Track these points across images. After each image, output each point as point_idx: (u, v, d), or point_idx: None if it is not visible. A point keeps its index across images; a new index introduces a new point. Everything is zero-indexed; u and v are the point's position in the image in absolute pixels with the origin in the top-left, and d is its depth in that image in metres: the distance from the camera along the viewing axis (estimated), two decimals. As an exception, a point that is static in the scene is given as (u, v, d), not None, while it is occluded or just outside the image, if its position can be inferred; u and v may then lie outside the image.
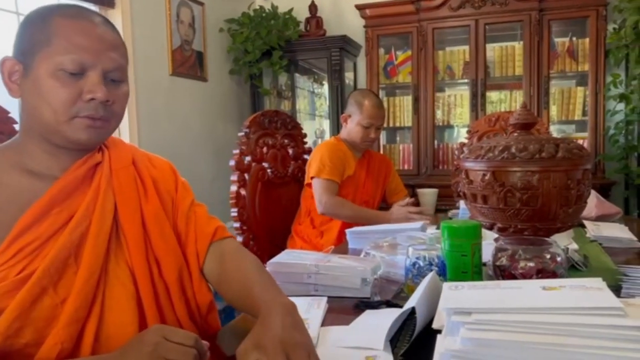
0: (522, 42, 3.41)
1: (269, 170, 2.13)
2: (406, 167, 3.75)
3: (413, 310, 0.86)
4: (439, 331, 0.75)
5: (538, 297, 0.72)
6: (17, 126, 1.06)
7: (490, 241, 1.23)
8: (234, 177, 1.98)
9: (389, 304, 1.06)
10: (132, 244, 0.90)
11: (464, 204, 1.33)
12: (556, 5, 3.30)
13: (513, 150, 1.14)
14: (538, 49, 3.34)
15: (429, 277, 0.96)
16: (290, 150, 2.30)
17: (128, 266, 0.89)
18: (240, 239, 1.95)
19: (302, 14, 3.87)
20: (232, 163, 1.99)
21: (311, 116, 4.41)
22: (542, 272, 1.04)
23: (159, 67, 3.18)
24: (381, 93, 3.74)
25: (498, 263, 1.09)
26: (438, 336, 0.74)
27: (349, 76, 3.96)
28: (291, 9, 3.82)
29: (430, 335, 0.79)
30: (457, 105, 3.72)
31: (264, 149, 2.13)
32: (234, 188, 1.97)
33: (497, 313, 0.68)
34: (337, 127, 3.59)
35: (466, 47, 3.54)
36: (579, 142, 2.76)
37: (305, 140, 2.41)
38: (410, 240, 1.44)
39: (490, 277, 1.12)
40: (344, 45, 3.68)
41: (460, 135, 3.78)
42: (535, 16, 3.30)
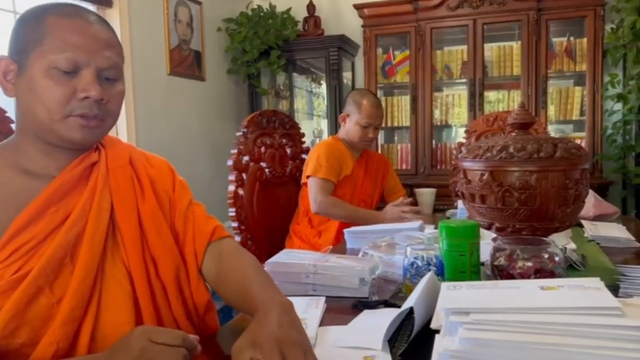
0: (520, 42, 3.42)
1: (267, 170, 2.13)
2: (404, 166, 3.75)
3: (411, 310, 0.86)
4: (437, 331, 0.75)
5: (536, 297, 0.72)
6: (14, 125, 1.06)
7: (488, 241, 1.23)
8: (231, 177, 1.98)
9: (387, 304, 1.06)
10: (128, 243, 0.90)
11: (462, 203, 1.33)
12: (554, 5, 3.31)
13: (511, 150, 1.14)
14: (536, 49, 3.34)
15: (427, 277, 0.96)
16: (289, 150, 2.30)
17: (125, 266, 0.89)
18: (238, 238, 1.95)
19: (300, 13, 3.87)
20: (230, 163, 1.99)
21: (309, 116, 4.41)
22: (540, 271, 1.04)
23: (156, 66, 3.18)
24: (379, 93, 3.74)
25: (496, 263, 1.09)
26: (436, 336, 0.74)
27: (347, 76, 3.96)
28: (289, 9, 3.81)
29: (428, 335, 0.79)
30: (455, 105, 3.72)
31: (262, 149, 2.13)
32: (231, 188, 1.96)
33: (495, 313, 0.68)
34: (335, 127, 3.59)
35: (464, 47, 3.54)
36: (577, 141, 2.76)
37: (303, 140, 2.41)
38: (408, 240, 1.44)
39: (488, 277, 1.12)
40: (342, 44, 3.68)
41: (458, 135, 3.79)
42: (533, 16, 3.31)
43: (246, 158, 2.03)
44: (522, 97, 3.41)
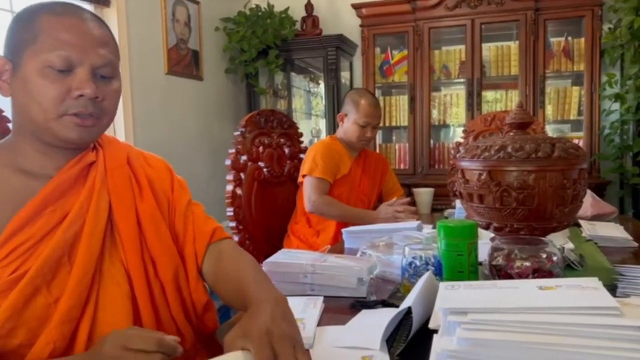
0: (517, 42, 3.42)
1: (265, 170, 2.13)
2: (402, 166, 3.75)
3: (409, 310, 0.86)
4: (436, 331, 0.75)
5: (534, 296, 0.72)
6: (11, 125, 1.05)
7: (487, 241, 1.23)
8: (229, 177, 1.97)
9: (385, 304, 1.06)
10: (127, 243, 0.90)
11: (460, 203, 1.33)
12: (552, 5, 3.31)
13: (509, 149, 1.14)
14: (534, 49, 3.34)
15: (425, 276, 0.96)
16: (287, 150, 2.30)
17: (123, 266, 0.89)
18: (236, 238, 1.95)
19: (298, 13, 3.86)
20: (228, 162, 1.99)
21: (307, 115, 4.41)
22: (538, 271, 1.04)
23: (154, 66, 3.17)
24: (377, 92, 3.74)
25: (494, 262, 1.09)
26: (434, 336, 0.74)
27: (345, 75, 3.96)
28: (287, 8, 3.81)
29: (426, 335, 0.79)
30: (453, 105, 3.72)
31: (260, 148, 2.12)
32: (229, 187, 1.96)
33: (493, 313, 0.68)
34: (333, 127, 3.58)
35: (462, 47, 3.54)
36: (575, 141, 2.77)
37: (301, 139, 2.41)
38: (406, 239, 1.44)
39: (486, 277, 1.12)
40: (340, 44, 3.68)
41: (456, 134, 3.79)
42: (531, 16, 3.31)
43: (244, 158, 2.03)
44: (520, 97, 3.41)
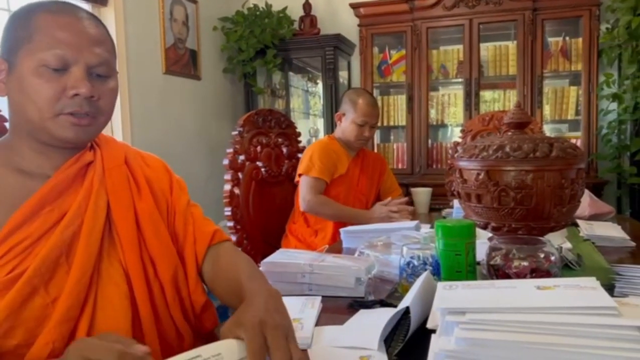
0: (515, 42, 3.42)
1: (263, 169, 2.13)
2: (400, 166, 3.75)
3: (407, 310, 0.86)
4: (433, 331, 0.74)
5: (532, 296, 0.72)
6: (8, 124, 1.05)
7: (484, 240, 1.23)
8: (227, 176, 1.97)
9: (383, 304, 1.05)
10: (125, 243, 0.90)
11: (458, 203, 1.33)
12: (549, 5, 3.31)
13: (507, 149, 1.14)
14: (531, 49, 3.35)
15: (423, 276, 0.96)
16: (284, 149, 2.29)
17: (122, 266, 0.88)
18: (234, 238, 1.94)
19: (296, 12, 3.86)
20: (225, 162, 1.98)
21: (305, 115, 4.41)
22: (536, 271, 1.04)
23: (152, 65, 3.17)
24: (375, 92, 3.74)
25: (492, 262, 1.09)
26: (432, 336, 0.74)
27: (343, 75, 3.96)
28: (285, 8, 3.81)
29: (424, 335, 0.79)
30: (451, 105, 3.72)
31: (258, 148, 2.12)
32: (227, 187, 1.96)
33: (491, 313, 0.68)
34: (331, 126, 3.58)
35: (460, 47, 3.54)
36: (572, 141, 2.77)
37: (299, 139, 2.40)
38: (404, 239, 1.44)
39: (484, 276, 1.12)
40: (338, 44, 3.68)
41: (454, 134, 3.79)
42: (528, 16, 3.31)
43: (242, 157, 2.03)
44: (517, 97, 3.41)
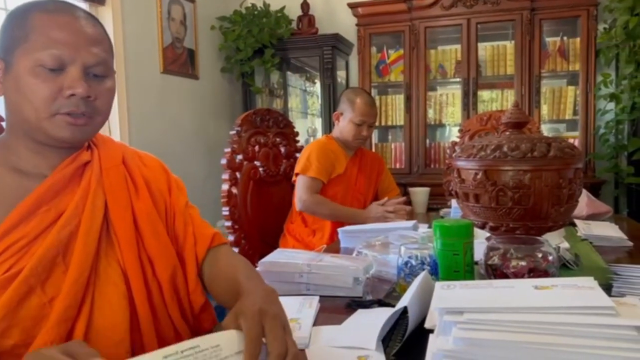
0: (513, 42, 3.43)
1: (260, 169, 2.12)
2: (398, 165, 3.75)
3: (405, 310, 0.86)
4: (431, 331, 0.75)
5: (530, 296, 0.72)
6: (5, 124, 1.05)
7: (482, 240, 1.23)
8: (225, 176, 1.97)
9: (381, 303, 1.05)
10: (123, 243, 0.89)
11: (456, 202, 1.33)
12: (547, 5, 3.32)
13: (505, 149, 1.14)
14: (529, 49, 3.35)
15: (421, 276, 0.96)
16: (282, 149, 2.29)
17: (120, 265, 0.88)
18: (231, 238, 1.94)
19: (294, 12, 3.86)
20: (223, 161, 1.98)
21: (303, 114, 4.40)
22: (533, 271, 1.04)
23: (149, 64, 3.16)
24: (373, 92, 3.74)
25: (490, 262, 1.09)
26: (430, 336, 0.74)
27: (341, 75, 3.96)
28: (283, 7, 3.80)
29: (422, 335, 0.79)
30: (449, 104, 3.73)
31: (256, 148, 2.12)
32: (225, 187, 1.96)
33: (489, 312, 0.68)
34: (329, 126, 3.58)
35: (458, 46, 3.54)
36: (570, 141, 2.77)
37: (297, 138, 2.40)
38: (402, 239, 1.44)
39: (482, 276, 1.12)
40: (336, 43, 3.68)
41: (452, 134, 3.79)
42: (526, 15, 3.32)
43: (240, 157, 2.03)
44: (515, 97, 3.41)
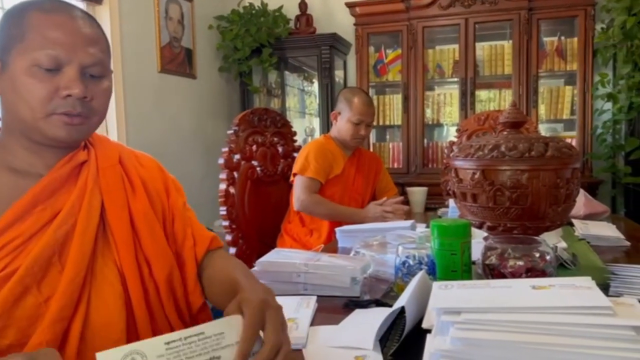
0: (511, 41, 3.43)
1: (258, 169, 2.12)
2: (396, 165, 3.75)
3: (403, 310, 0.86)
4: (429, 331, 0.74)
5: (528, 296, 0.72)
6: (1, 124, 1.04)
7: (480, 240, 1.23)
8: (223, 176, 1.96)
9: (378, 303, 1.05)
10: (120, 243, 0.89)
11: (454, 202, 1.33)
12: (545, 5, 3.32)
13: (502, 149, 1.14)
14: (527, 48, 3.35)
15: (419, 276, 0.95)
16: (280, 149, 2.29)
17: (116, 266, 0.88)
18: (229, 237, 1.94)
19: (292, 11, 3.85)
20: (221, 161, 1.98)
21: (301, 114, 4.40)
22: (531, 270, 1.04)
23: (147, 64, 3.15)
24: (371, 91, 3.74)
25: (487, 262, 1.09)
26: (428, 336, 0.74)
27: (339, 74, 3.95)
28: (281, 7, 3.80)
29: (420, 335, 0.79)
30: (446, 104, 3.73)
31: (254, 147, 2.12)
32: (223, 186, 1.95)
33: (487, 312, 0.68)
34: (327, 125, 3.58)
35: (456, 46, 3.54)
36: (567, 141, 2.77)
37: (295, 138, 2.40)
38: (399, 239, 1.44)
39: (479, 276, 1.12)
40: (334, 43, 3.67)
41: (450, 133, 3.79)
42: (524, 15, 3.32)
43: (237, 156, 2.02)
44: (513, 96, 3.42)
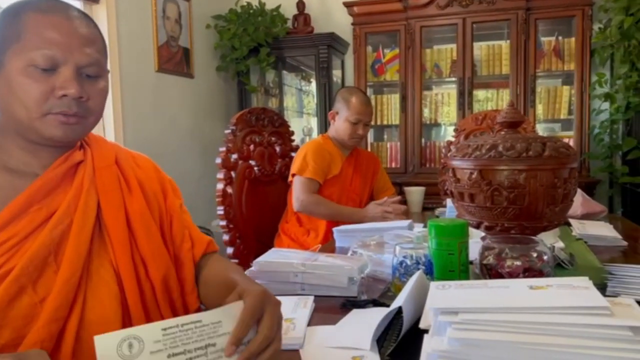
0: (509, 41, 3.43)
1: (255, 168, 2.12)
2: (393, 165, 3.75)
3: (400, 310, 0.86)
4: (426, 331, 0.74)
5: (525, 296, 0.72)
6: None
7: (477, 240, 1.23)
8: (220, 175, 1.96)
9: (375, 303, 1.05)
10: (116, 243, 0.89)
11: (451, 202, 1.33)
12: (543, 5, 3.32)
13: (500, 148, 1.14)
14: (525, 48, 3.35)
15: (416, 276, 0.95)
16: (278, 148, 2.29)
17: (112, 266, 0.88)
18: (226, 237, 1.94)
19: (289, 10, 3.85)
20: (218, 161, 1.97)
21: (299, 114, 4.40)
22: (528, 270, 1.04)
23: (144, 63, 3.14)
24: (369, 91, 3.74)
25: (485, 262, 1.09)
26: (425, 336, 0.73)
27: (336, 74, 3.95)
28: (279, 6, 3.80)
29: (417, 335, 0.78)
30: (444, 104, 3.73)
31: (251, 147, 2.11)
32: (220, 186, 1.95)
33: (484, 313, 0.68)
34: (324, 125, 3.58)
35: (453, 46, 3.54)
36: (565, 140, 2.78)
37: (292, 138, 2.40)
38: (397, 238, 1.44)
39: (477, 276, 1.12)
40: (332, 42, 3.67)
41: (448, 133, 3.80)
42: (522, 15, 3.32)
43: (235, 156, 2.02)
44: (510, 96, 3.42)
